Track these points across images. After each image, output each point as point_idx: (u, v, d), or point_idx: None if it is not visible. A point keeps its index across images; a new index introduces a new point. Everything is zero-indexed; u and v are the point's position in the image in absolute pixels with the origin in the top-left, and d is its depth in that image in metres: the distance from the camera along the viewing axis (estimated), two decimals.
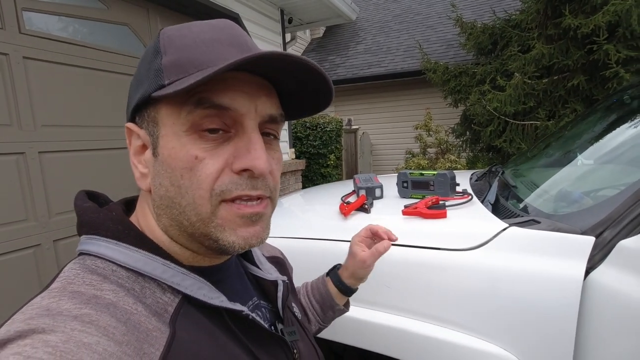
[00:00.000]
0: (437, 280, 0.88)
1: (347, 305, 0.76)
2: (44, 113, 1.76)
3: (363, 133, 6.24)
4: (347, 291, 0.73)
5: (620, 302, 0.68)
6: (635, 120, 1.18)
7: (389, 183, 1.49)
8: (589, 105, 3.09)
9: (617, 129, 1.24)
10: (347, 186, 1.71)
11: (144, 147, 0.40)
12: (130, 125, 0.41)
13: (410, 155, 5.43)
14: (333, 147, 5.15)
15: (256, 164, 0.36)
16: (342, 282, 0.73)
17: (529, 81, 3.27)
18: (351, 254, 0.73)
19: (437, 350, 0.86)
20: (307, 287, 0.76)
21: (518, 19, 3.69)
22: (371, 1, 8.25)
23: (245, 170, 0.36)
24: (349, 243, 1.03)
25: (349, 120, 6.32)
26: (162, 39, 0.39)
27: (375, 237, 0.74)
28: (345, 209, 1.17)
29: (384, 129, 6.40)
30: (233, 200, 0.37)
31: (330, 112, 6.23)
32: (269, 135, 0.41)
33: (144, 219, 0.42)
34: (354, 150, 6.15)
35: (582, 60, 3.06)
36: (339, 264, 0.77)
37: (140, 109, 0.40)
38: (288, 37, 3.97)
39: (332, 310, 0.73)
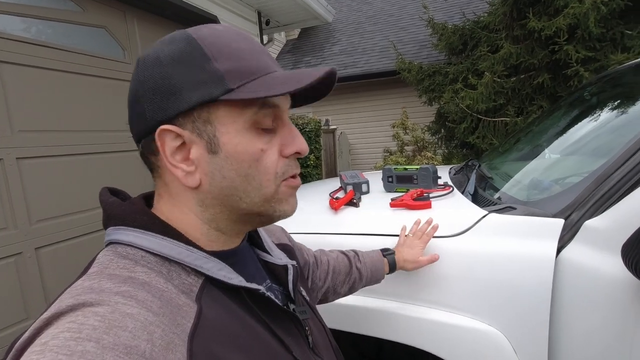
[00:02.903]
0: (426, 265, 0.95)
1: None
2: (21, 118, 1.72)
3: (341, 133, 6.33)
4: (393, 271, 0.92)
5: (588, 274, 0.77)
6: (594, 116, 1.30)
7: (372, 179, 1.56)
8: (554, 101, 3.29)
9: (578, 124, 1.35)
10: (327, 185, 1.77)
11: (181, 147, 0.42)
12: (170, 126, 0.41)
13: (388, 154, 5.56)
14: (312, 147, 5.20)
15: (303, 147, 0.46)
16: (395, 264, 0.91)
17: (498, 80, 3.44)
18: (409, 247, 0.92)
19: (426, 330, 0.93)
20: (363, 256, 0.88)
21: (486, 21, 3.87)
22: (344, 3, 8.36)
23: (294, 153, 0.46)
24: (342, 235, 1.09)
25: (327, 121, 6.39)
26: (203, 45, 0.41)
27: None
28: (335, 204, 1.22)
29: (362, 128, 6.51)
30: (287, 179, 0.46)
31: (309, 113, 6.28)
32: None
33: (177, 213, 0.44)
34: (332, 150, 6.23)
35: (546, 59, 3.25)
36: (392, 250, 0.94)
37: (186, 112, 0.41)
38: (265, 38, 3.99)
39: (375, 282, 0.89)
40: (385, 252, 0.92)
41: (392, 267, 0.90)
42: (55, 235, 1.85)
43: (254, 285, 0.44)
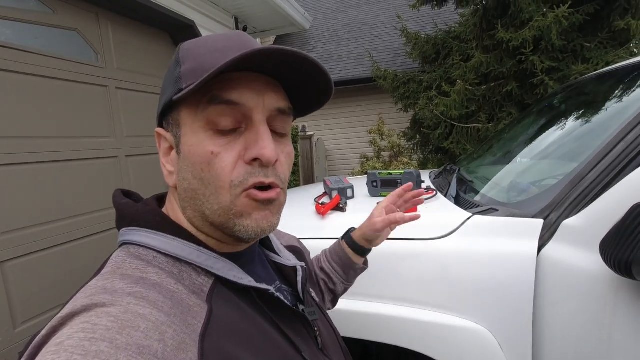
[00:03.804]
0: (414, 267, 0.97)
1: (365, 263, 0.82)
2: None
3: (318, 139, 6.36)
4: (359, 250, 0.79)
5: (567, 271, 0.81)
6: (563, 122, 1.38)
7: (355, 184, 1.58)
8: (522, 108, 3.46)
9: (550, 130, 1.43)
10: (308, 191, 1.78)
11: (171, 148, 0.45)
12: (159, 129, 0.46)
13: (365, 159, 5.63)
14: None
15: (264, 153, 0.40)
16: (354, 242, 0.79)
17: (470, 87, 3.58)
18: (370, 216, 0.79)
19: (414, 330, 0.95)
20: (326, 252, 0.82)
21: (458, 31, 4.04)
22: (320, 10, 8.46)
23: (255, 159, 0.40)
24: (330, 240, 1.09)
25: (304, 127, 6.41)
26: (181, 51, 0.44)
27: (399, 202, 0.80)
28: (322, 210, 1.23)
29: (338, 134, 6.57)
30: (249, 189, 0.41)
31: None
32: (277, 132, 0.45)
33: (173, 212, 0.46)
34: (309, 156, 6.24)
35: (514, 68, 3.42)
36: (353, 227, 0.83)
37: (166, 114, 0.45)
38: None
39: (352, 270, 0.79)
40: (344, 234, 0.83)
41: (356, 248, 0.78)
42: (22, 247, 1.74)
43: (263, 286, 0.44)
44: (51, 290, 1.85)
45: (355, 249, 0.79)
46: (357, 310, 1.02)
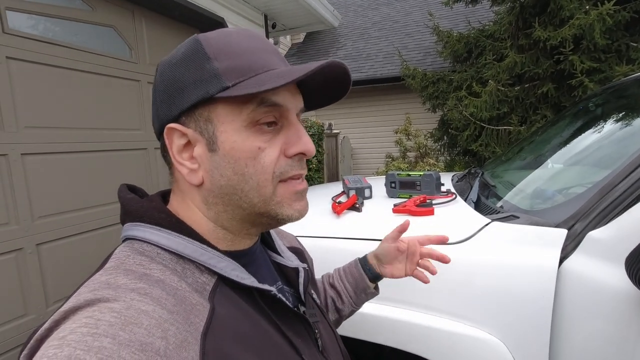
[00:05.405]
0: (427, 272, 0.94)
1: (376, 289, 0.80)
2: (27, 114, 1.73)
3: (344, 137, 6.33)
4: (369, 271, 0.77)
5: (590, 285, 0.77)
6: (598, 127, 1.30)
7: (375, 184, 1.56)
8: (558, 111, 3.29)
9: (582, 134, 1.35)
10: (329, 189, 1.77)
11: (188, 145, 0.43)
12: (175, 125, 0.42)
13: (390, 159, 5.56)
14: (315, 151, 5.22)
15: (309, 148, 0.44)
16: (367, 263, 0.78)
17: (503, 88, 3.45)
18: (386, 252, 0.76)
19: (426, 337, 0.92)
20: (339, 271, 0.81)
21: (491, 30, 3.88)
22: (350, 8, 8.40)
23: (297, 154, 0.44)
24: (344, 240, 1.08)
25: (330, 125, 6.40)
26: (206, 45, 0.42)
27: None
28: (338, 209, 1.22)
29: (364, 133, 6.52)
30: (286, 180, 0.44)
31: (312, 117, 6.30)
32: None
33: (185, 210, 0.45)
34: (335, 154, 6.23)
35: (550, 69, 3.25)
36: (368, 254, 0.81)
37: (190, 110, 0.42)
38: (271, 41, 4.01)
39: (364, 293, 0.77)
40: (362, 257, 0.81)
41: (366, 269, 0.78)
42: (56, 231, 1.85)
43: (265, 286, 0.44)
44: (81, 273, 1.96)
45: (365, 270, 0.78)
46: (370, 312, 1.00)
